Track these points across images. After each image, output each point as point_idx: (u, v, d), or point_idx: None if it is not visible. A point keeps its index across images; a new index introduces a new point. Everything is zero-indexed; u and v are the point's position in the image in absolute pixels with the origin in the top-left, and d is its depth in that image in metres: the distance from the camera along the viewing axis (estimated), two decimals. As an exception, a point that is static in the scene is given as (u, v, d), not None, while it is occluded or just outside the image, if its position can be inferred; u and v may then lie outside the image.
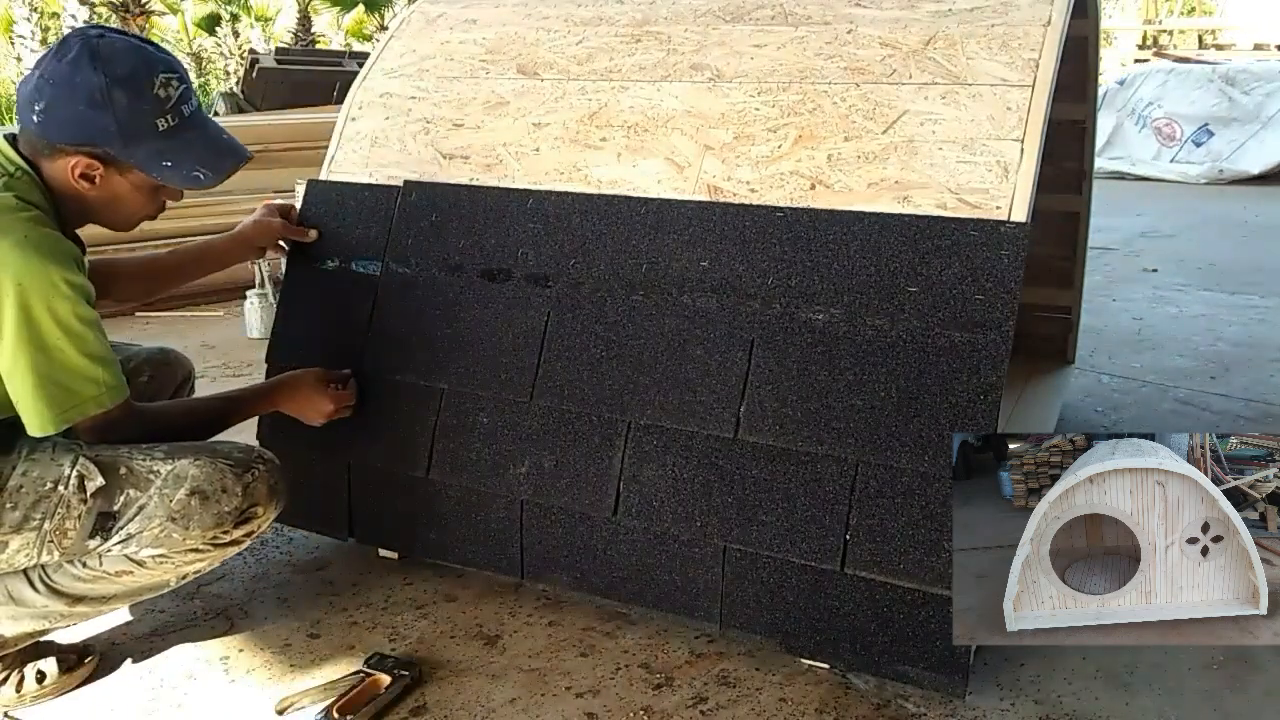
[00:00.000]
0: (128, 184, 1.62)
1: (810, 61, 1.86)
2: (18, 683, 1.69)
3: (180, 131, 1.62)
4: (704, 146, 1.86)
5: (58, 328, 1.49)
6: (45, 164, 1.59)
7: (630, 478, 1.80)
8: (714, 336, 1.76)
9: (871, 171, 1.72)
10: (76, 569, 1.59)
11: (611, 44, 2.08)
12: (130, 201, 1.65)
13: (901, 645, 1.63)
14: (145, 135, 1.58)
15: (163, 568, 1.61)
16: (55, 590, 1.59)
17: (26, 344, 1.48)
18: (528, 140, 2.03)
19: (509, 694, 1.70)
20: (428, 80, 2.21)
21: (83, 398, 1.53)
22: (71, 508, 1.55)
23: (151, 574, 1.61)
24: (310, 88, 9.46)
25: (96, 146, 1.56)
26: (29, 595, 1.59)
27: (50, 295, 1.48)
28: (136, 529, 1.56)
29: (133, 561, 1.59)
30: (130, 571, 1.60)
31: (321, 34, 19.58)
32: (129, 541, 1.57)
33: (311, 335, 2.13)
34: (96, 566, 1.59)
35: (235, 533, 1.64)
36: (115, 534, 1.56)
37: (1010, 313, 1.57)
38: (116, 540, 1.57)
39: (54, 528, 1.55)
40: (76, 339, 1.51)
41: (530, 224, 1.96)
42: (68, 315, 1.49)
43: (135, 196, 1.65)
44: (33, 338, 1.48)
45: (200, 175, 1.65)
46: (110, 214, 1.67)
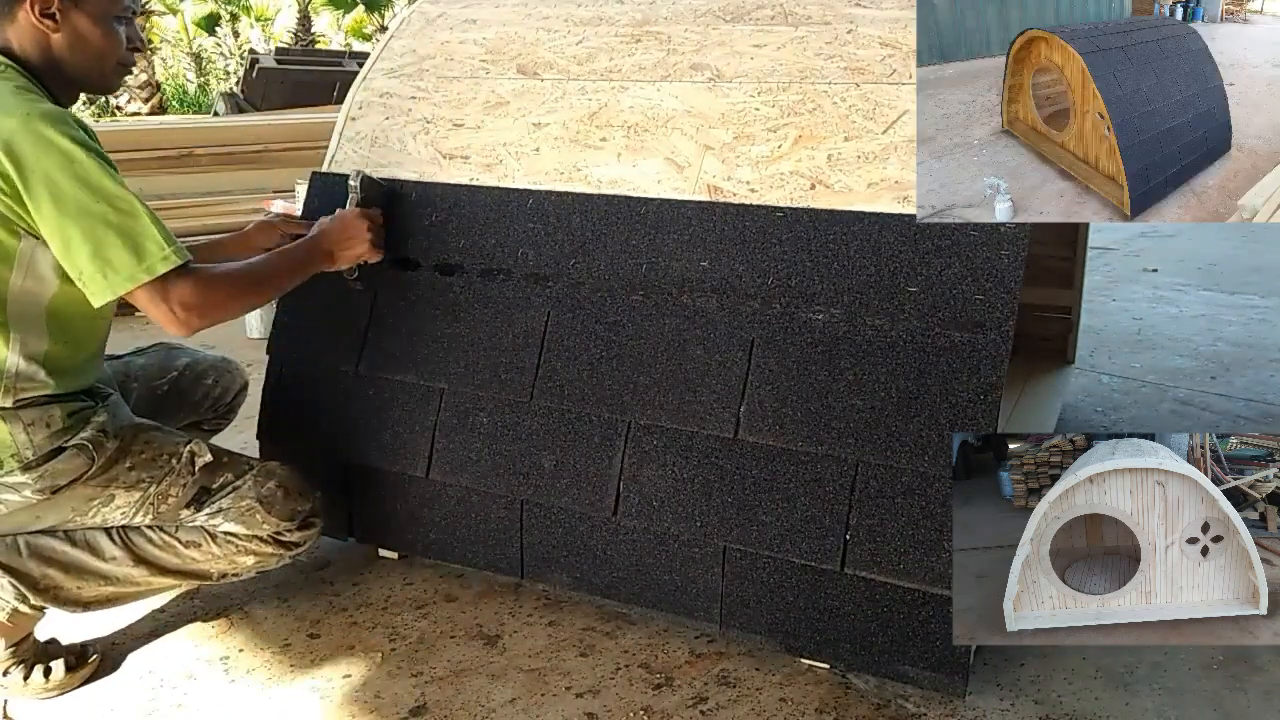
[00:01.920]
0: (86, 17, 1.65)
1: (810, 61, 1.86)
2: (24, 675, 1.71)
3: None
4: (704, 146, 1.86)
5: (97, 193, 1.54)
6: (10, 31, 1.62)
7: (630, 478, 1.80)
8: (714, 337, 1.76)
9: (871, 171, 1.72)
10: (154, 534, 1.77)
11: (611, 44, 2.08)
12: (95, 40, 1.66)
13: (901, 645, 1.63)
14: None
15: (224, 550, 1.79)
16: (128, 546, 1.76)
17: (73, 214, 1.52)
18: (528, 140, 2.03)
19: (509, 694, 1.70)
20: (428, 80, 2.21)
21: (152, 256, 1.56)
22: (179, 476, 1.76)
23: (211, 556, 1.79)
24: (310, 88, 9.47)
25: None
26: (105, 545, 1.75)
27: (77, 165, 1.52)
28: (228, 504, 1.78)
29: (206, 534, 1.79)
30: (199, 544, 1.78)
31: (321, 34, 19.59)
32: (216, 515, 1.78)
33: (312, 334, 2.13)
34: (173, 534, 1.78)
35: (295, 534, 1.84)
36: (207, 506, 1.78)
37: (1010, 313, 1.57)
38: (206, 512, 1.78)
39: (159, 492, 1.74)
40: (123, 201, 1.56)
41: (530, 224, 1.96)
42: (100, 180, 1.54)
43: (97, 32, 1.66)
44: (78, 206, 1.53)
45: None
46: (82, 61, 1.67)
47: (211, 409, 2.14)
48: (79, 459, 1.67)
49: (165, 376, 2.06)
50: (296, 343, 2.16)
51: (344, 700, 1.69)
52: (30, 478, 1.63)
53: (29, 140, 1.51)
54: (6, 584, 1.69)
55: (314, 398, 2.12)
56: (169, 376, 2.06)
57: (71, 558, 1.73)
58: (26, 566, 1.70)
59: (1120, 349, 3.61)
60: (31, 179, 1.51)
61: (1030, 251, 1.62)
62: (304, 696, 1.71)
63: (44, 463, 1.64)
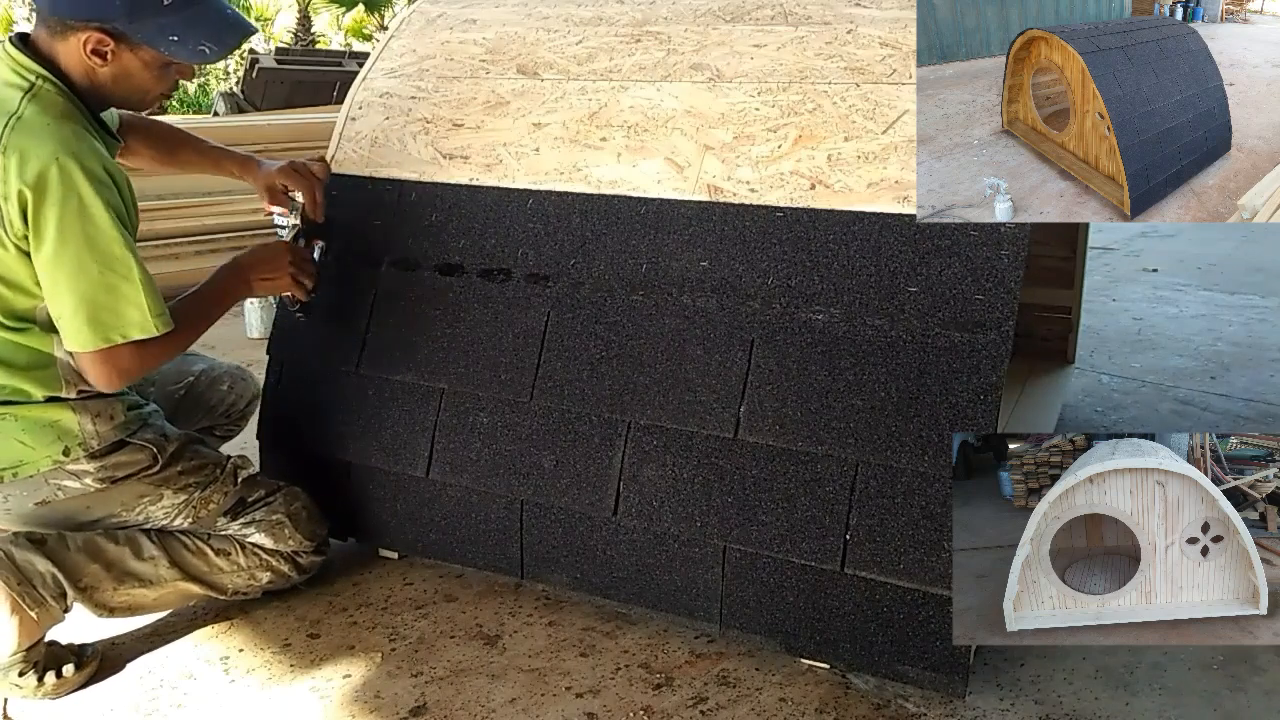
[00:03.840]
0: (138, 60, 1.67)
1: (810, 61, 1.86)
2: (39, 677, 1.71)
3: (185, 5, 1.67)
4: (704, 146, 1.86)
5: (99, 255, 1.59)
6: (60, 48, 1.65)
7: (630, 478, 1.80)
8: (714, 336, 1.76)
9: (871, 171, 1.72)
10: (189, 540, 1.86)
11: (611, 44, 2.08)
12: (142, 78, 1.70)
13: (901, 645, 1.63)
14: (150, 9, 1.63)
15: (249, 562, 1.90)
16: (164, 547, 1.83)
17: (67, 268, 1.58)
18: (528, 140, 2.02)
19: (509, 694, 1.70)
20: (428, 80, 2.21)
21: (127, 323, 1.63)
22: (223, 485, 1.87)
23: (236, 567, 1.89)
24: (310, 88, 9.46)
25: (105, 22, 1.62)
26: (145, 544, 1.83)
27: (89, 224, 1.58)
28: (260, 516, 1.90)
29: (235, 543, 1.89)
30: (229, 553, 1.88)
31: (321, 34, 19.57)
32: (249, 525, 1.89)
33: (312, 334, 2.13)
34: (206, 541, 1.87)
35: (309, 558, 1.97)
36: (242, 516, 1.89)
37: (1010, 313, 1.57)
38: (240, 521, 1.89)
39: (202, 498, 1.85)
40: (121, 265, 1.61)
41: (530, 224, 1.96)
42: (108, 243, 1.60)
43: (146, 74, 1.70)
44: (75, 263, 1.58)
45: (206, 50, 1.70)
46: (125, 92, 1.72)
47: (225, 415, 2.19)
48: (142, 454, 1.77)
49: (181, 381, 2.11)
50: (296, 343, 2.16)
51: (344, 700, 1.69)
52: (94, 466, 1.72)
53: (57, 179, 1.55)
54: (49, 578, 1.72)
55: (314, 398, 2.12)
56: (185, 381, 2.12)
57: (114, 555, 1.79)
58: (75, 560, 1.75)
59: (1120, 349, 3.61)
60: (44, 218, 1.56)
61: (1030, 251, 1.62)
62: (304, 696, 1.71)
63: (109, 454, 1.74)
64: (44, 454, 1.68)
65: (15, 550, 1.72)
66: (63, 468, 1.70)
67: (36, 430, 1.68)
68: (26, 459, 1.68)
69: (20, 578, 1.69)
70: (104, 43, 1.63)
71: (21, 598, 1.68)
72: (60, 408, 1.69)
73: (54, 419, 1.69)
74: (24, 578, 1.69)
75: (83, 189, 1.57)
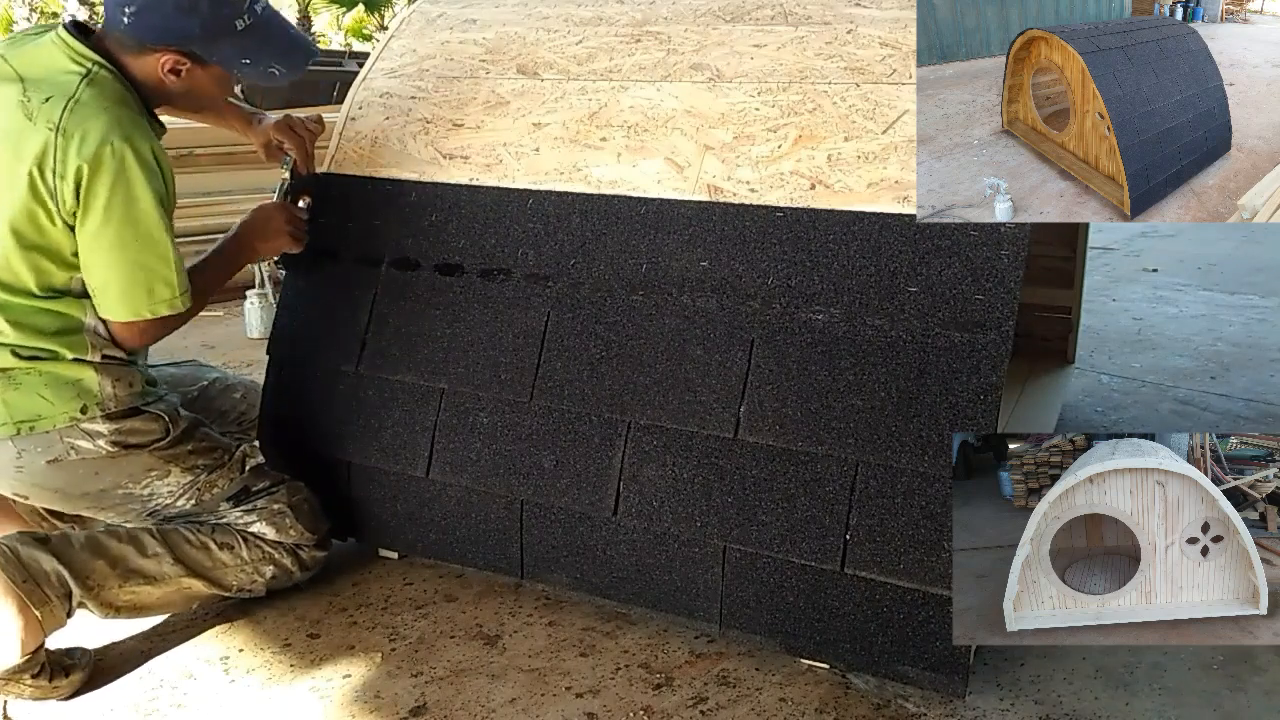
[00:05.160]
0: (210, 77, 1.81)
1: (810, 61, 1.86)
2: (48, 679, 1.70)
3: (256, 29, 1.79)
4: (704, 146, 1.86)
5: (140, 237, 1.69)
6: (131, 59, 1.75)
7: (630, 478, 1.80)
8: (714, 336, 1.76)
9: (871, 171, 1.72)
10: (189, 532, 1.86)
11: (611, 44, 2.08)
12: (210, 92, 1.86)
13: (901, 645, 1.63)
14: (226, 34, 1.75)
15: (252, 555, 1.90)
16: (168, 544, 1.83)
17: (107, 245, 1.68)
18: (528, 140, 2.02)
19: (509, 694, 1.70)
20: (428, 80, 2.21)
21: (156, 299, 1.75)
22: (229, 471, 1.92)
23: (240, 560, 1.89)
24: (310, 87, 9.45)
25: (183, 45, 1.74)
26: (148, 541, 1.83)
27: (135, 207, 1.68)
28: (262, 505, 1.92)
29: (238, 536, 1.90)
30: (232, 546, 1.88)
31: (321, 34, 19.58)
32: (251, 513, 1.91)
33: (312, 334, 2.13)
34: (209, 533, 1.88)
35: (311, 552, 1.98)
36: (244, 504, 1.92)
37: (1010, 313, 1.57)
38: (242, 509, 1.91)
39: (208, 480, 1.89)
40: (161, 247, 1.72)
41: (530, 224, 1.96)
42: (149, 227, 1.70)
43: (214, 88, 1.86)
44: (117, 239, 1.68)
45: (275, 71, 1.83)
46: (188, 102, 1.89)
47: (236, 423, 2.21)
48: (155, 424, 1.83)
49: (195, 384, 2.17)
50: (296, 343, 2.16)
51: (344, 700, 1.69)
52: (108, 428, 1.78)
53: (110, 159, 1.64)
54: (55, 577, 1.72)
55: (314, 398, 2.12)
56: (199, 385, 2.18)
57: (118, 552, 1.79)
58: (80, 558, 1.75)
59: (1120, 349, 3.61)
60: (94, 194, 1.65)
61: (1030, 251, 1.62)
62: (304, 696, 1.71)
63: (124, 418, 1.80)
64: (62, 410, 1.74)
65: (21, 548, 1.71)
66: (79, 425, 1.76)
67: (59, 386, 1.74)
68: (45, 413, 1.74)
69: (25, 575, 1.68)
70: (180, 63, 1.74)
71: (28, 596, 1.67)
72: (84, 367, 1.76)
73: (77, 377, 1.75)
74: (29, 575, 1.69)
75: (132, 172, 1.66)
